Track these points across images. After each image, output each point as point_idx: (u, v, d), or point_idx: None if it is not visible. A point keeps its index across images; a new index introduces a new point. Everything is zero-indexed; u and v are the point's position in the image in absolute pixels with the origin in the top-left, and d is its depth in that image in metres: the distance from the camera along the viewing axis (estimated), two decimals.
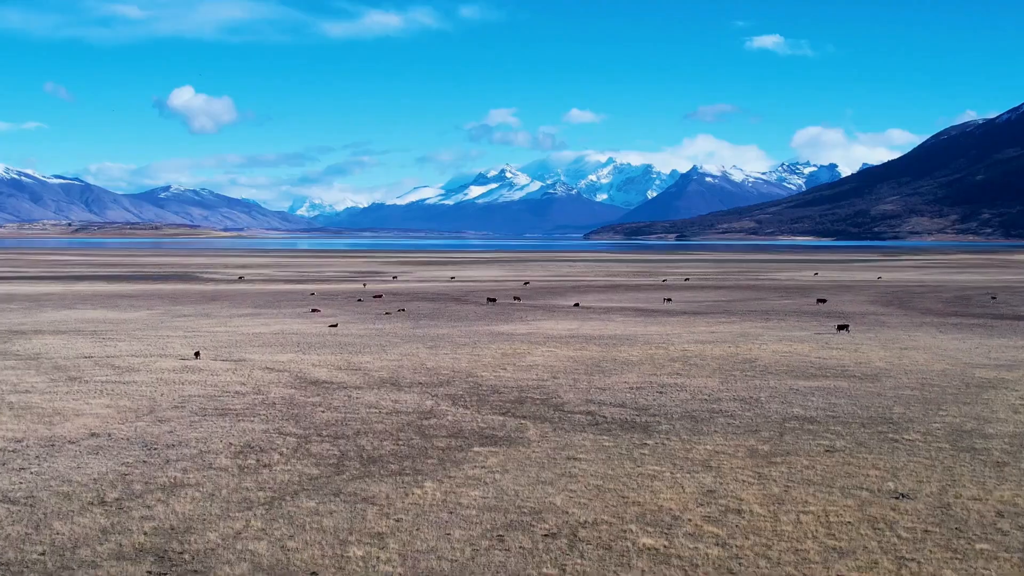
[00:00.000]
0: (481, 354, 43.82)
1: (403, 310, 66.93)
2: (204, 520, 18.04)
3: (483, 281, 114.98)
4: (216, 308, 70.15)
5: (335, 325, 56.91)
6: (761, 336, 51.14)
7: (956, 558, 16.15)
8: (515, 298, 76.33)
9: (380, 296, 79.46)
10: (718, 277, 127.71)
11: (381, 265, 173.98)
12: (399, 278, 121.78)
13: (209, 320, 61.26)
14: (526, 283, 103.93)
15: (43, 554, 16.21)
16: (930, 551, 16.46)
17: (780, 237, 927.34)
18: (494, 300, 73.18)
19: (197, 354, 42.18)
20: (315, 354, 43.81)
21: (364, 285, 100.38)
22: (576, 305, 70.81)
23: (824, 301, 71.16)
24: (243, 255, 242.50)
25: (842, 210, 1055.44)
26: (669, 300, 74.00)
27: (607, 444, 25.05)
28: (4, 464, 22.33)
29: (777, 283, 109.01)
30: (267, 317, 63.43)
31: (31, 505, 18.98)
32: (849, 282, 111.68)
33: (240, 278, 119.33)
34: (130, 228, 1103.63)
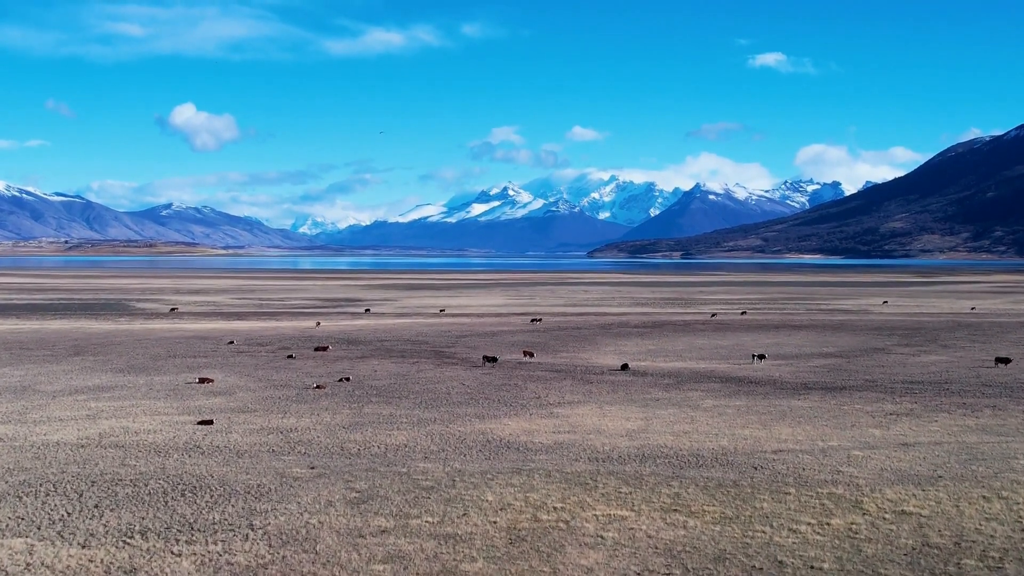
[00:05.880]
0: (463, 536, 19.09)
1: (348, 379, 41.98)
2: None
3: (481, 315, 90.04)
4: (56, 373, 45.20)
5: (209, 422, 32.03)
6: (1016, 463, 26.19)
7: None
8: (526, 353, 51.20)
9: (326, 348, 54.46)
10: (775, 308, 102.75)
11: (362, 290, 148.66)
12: (373, 310, 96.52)
13: (5, 406, 36.34)
14: (536, 319, 78.87)
15: None
16: None
17: (787, 255, 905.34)
18: (494, 360, 47.99)
19: None
20: (77, 543, 19.03)
21: (317, 324, 74.96)
22: (624, 368, 45.78)
23: (1007, 361, 46.20)
24: (212, 277, 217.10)
25: (850, 228, 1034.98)
26: (762, 358, 48.91)
27: None
28: None
29: (862, 319, 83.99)
30: (115, 396, 38.52)
31: None
32: (946, 315, 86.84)
33: (172, 310, 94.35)
34: (124, 246, 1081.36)
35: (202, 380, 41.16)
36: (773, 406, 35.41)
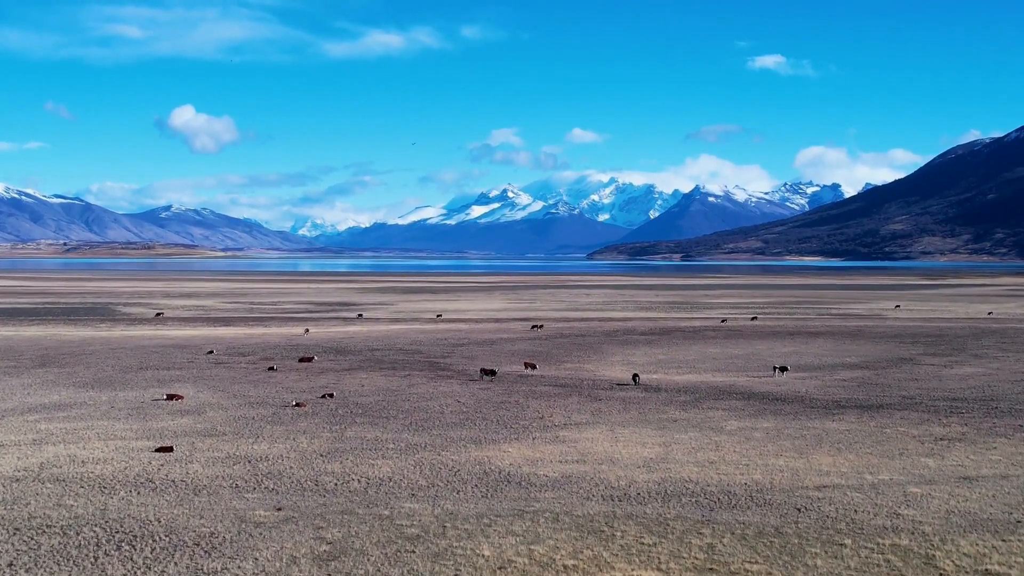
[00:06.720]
0: None
1: (331, 396, 38.23)
2: None
3: (479, 320, 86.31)
4: (13, 388, 41.34)
5: (169, 448, 28.26)
6: None
7: None
8: (527, 364, 47.53)
9: (311, 359, 50.72)
10: (785, 313, 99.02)
11: (357, 293, 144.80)
12: (366, 315, 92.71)
13: None
14: (538, 326, 75.08)
15: None
16: None
17: (788, 257, 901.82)
18: (493, 373, 44.26)
19: None
20: None
21: (306, 331, 71.13)
22: (635, 380, 42.07)
23: None
24: (205, 279, 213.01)
25: (850, 230, 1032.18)
26: (784, 370, 45.25)
27: None
28: None
29: (879, 325, 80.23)
30: (70, 416, 34.68)
31: None
32: (964, 320, 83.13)
33: (158, 315, 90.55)
34: (122, 248, 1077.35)
35: (170, 397, 37.36)
36: (806, 429, 31.61)
